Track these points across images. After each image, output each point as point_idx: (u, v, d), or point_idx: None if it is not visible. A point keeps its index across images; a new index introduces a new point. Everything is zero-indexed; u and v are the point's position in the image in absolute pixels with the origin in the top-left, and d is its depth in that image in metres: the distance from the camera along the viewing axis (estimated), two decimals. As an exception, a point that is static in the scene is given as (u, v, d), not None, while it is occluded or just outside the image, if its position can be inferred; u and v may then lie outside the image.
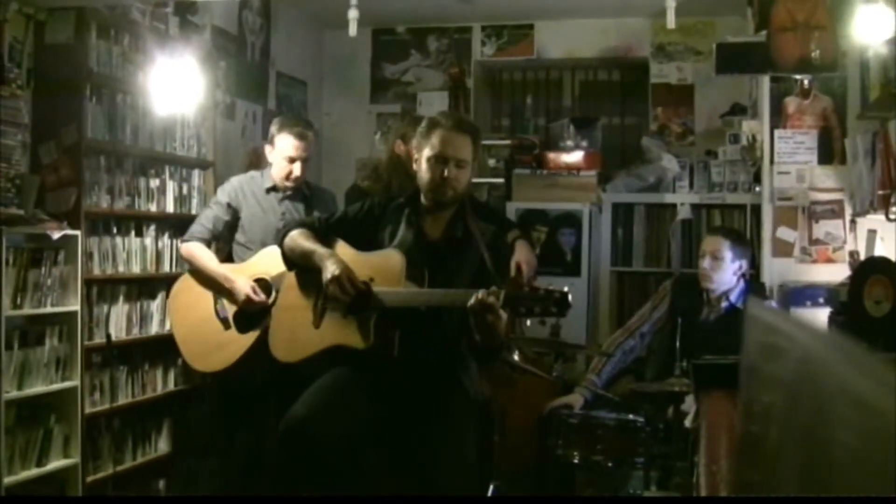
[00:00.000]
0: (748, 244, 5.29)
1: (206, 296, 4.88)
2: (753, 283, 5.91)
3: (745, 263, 5.06)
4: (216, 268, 4.87)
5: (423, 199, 3.83)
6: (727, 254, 4.96)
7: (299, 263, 3.90)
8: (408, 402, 3.67)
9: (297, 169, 4.95)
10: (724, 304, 5.02)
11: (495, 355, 3.97)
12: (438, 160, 3.71)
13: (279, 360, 3.92)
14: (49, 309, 4.54)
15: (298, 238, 3.86)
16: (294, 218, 4.77)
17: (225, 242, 5.05)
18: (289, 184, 4.99)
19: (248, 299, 4.70)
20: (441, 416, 3.68)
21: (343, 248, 3.83)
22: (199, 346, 4.88)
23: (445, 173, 3.70)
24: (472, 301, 3.38)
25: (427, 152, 3.74)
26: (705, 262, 5.00)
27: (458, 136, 3.73)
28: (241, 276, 4.79)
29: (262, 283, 4.75)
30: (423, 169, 3.77)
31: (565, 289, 3.42)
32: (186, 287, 4.96)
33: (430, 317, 3.63)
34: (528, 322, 4.73)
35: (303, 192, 5.07)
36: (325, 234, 3.89)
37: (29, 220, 4.46)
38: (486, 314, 3.38)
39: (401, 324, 3.63)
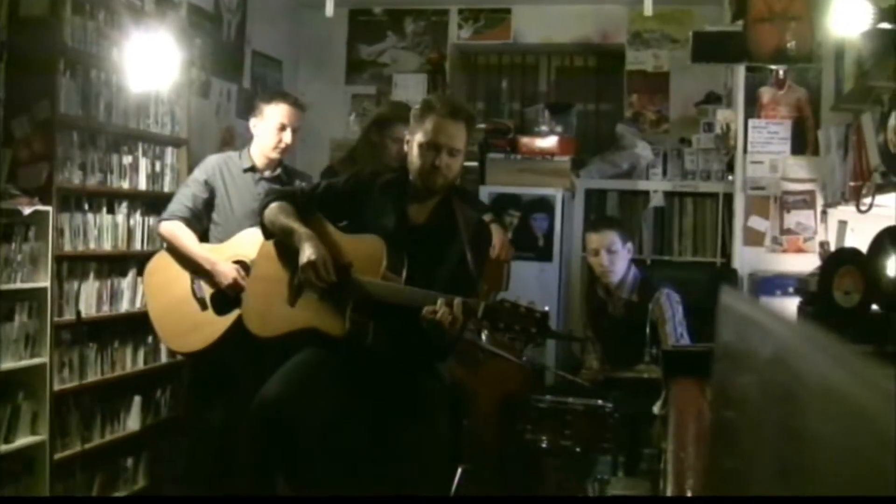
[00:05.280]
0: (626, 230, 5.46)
1: (183, 275, 4.84)
2: (725, 270, 5.96)
3: (631, 246, 5.26)
4: (197, 249, 4.82)
5: (411, 182, 3.79)
6: (618, 244, 5.11)
7: (278, 237, 3.87)
8: (380, 387, 3.67)
9: (287, 136, 4.90)
10: (622, 298, 5.12)
11: (446, 354, 3.96)
12: (430, 147, 3.65)
13: (251, 331, 3.91)
14: (19, 285, 4.50)
15: (279, 212, 3.82)
16: None
17: (199, 221, 4.99)
18: (275, 155, 4.94)
19: (236, 283, 4.66)
20: (413, 402, 3.68)
21: (324, 228, 3.79)
22: (175, 325, 4.84)
23: (437, 162, 3.64)
24: (442, 311, 3.39)
25: (419, 137, 3.68)
26: (602, 259, 5.08)
27: (452, 123, 3.66)
28: (222, 258, 4.76)
29: (242, 266, 4.72)
30: (413, 154, 3.71)
31: (546, 308, 3.43)
32: (162, 265, 4.91)
33: (405, 306, 3.60)
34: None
35: (280, 176, 5.03)
36: (306, 208, 3.85)
37: (0, 195, 4.42)
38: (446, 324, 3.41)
39: (376, 312, 3.62)
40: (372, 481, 3.77)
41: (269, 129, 4.91)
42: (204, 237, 4.94)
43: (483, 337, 4.97)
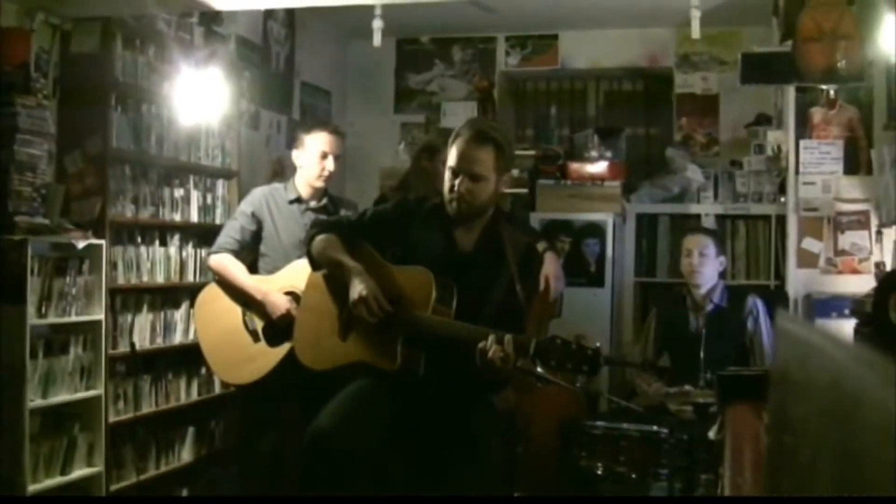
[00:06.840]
0: (722, 243, 5.52)
1: (234, 307, 4.83)
2: (779, 293, 5.90)
3: (724, 259, 5.36)
4: (248, 280, 4.81)
5: None
6: (711, 250, 5.23)
7: (326, 270, 3.86)
8: (433, 419, 3.64)
9: (330, 164, 4.89)
10: (709, 306, 5.12)
11: (499, 387, 3.92)
12: (453, 172, 3.61)
13: (303, 363, 3.89)
14: (74, 318, 4.55)
15: (326, 245, 3.78)
16: None
17: (248, 253, 4.99)
18: (319, 184, 4.93)
19: (288, 314, 4.61)
20: (466, 433, 3.62)
21: (372, 259, 3.74)
22: (227, 357, 4.84)
23: (455, 186, 3.60)
24: (493, 349, 3.36)
25: (448, 162, 3.65)
26: (694, 259, 5.20)
27: (475, 148, 3.59)
28: (273, 289, 4.77)
29: (293, 297, 4.70)
30: (444, 179, 3.69)
31: (597, 344, 3.40)
32: (213, 297, 4.90)
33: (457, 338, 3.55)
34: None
35: (326, 205, 5.02)
36: (353, 239, 3.81)
37: (54, 230, 4.48)
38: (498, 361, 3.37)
39: (428, 344, 3.59)
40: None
41: (312, 158, 4.91)
42: (252, 269, 4.93)
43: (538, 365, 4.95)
